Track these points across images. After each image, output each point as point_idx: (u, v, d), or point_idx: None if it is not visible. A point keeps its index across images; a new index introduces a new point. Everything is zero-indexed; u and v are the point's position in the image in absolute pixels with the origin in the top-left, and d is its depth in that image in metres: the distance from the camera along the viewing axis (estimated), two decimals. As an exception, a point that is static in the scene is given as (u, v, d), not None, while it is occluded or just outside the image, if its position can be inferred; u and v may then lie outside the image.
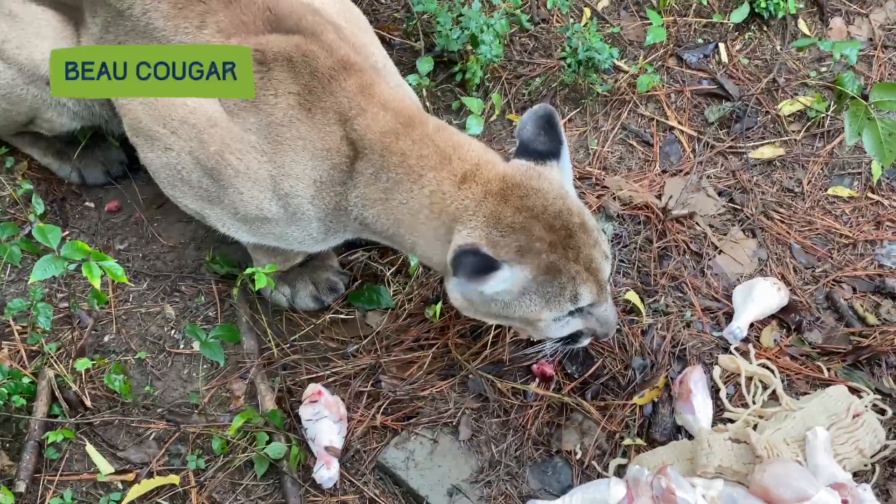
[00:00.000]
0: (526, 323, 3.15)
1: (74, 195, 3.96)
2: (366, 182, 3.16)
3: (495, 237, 2.99)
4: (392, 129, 3.14)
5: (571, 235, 3.03)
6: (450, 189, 3.08)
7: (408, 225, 3.16)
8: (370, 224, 3.24)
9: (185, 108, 3.23)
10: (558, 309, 3.07)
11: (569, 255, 3.02)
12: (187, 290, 3.75)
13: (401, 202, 3.14)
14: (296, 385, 3.51)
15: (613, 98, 4.27)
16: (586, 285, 3.05)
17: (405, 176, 3.12)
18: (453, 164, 3.11)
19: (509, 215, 3.00)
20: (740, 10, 4.51)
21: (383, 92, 3.21)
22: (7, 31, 3.54)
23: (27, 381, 3.34)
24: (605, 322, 3.17)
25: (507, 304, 3.08)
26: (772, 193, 4.06)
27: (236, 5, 3.27)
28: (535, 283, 3.02)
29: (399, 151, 3.12)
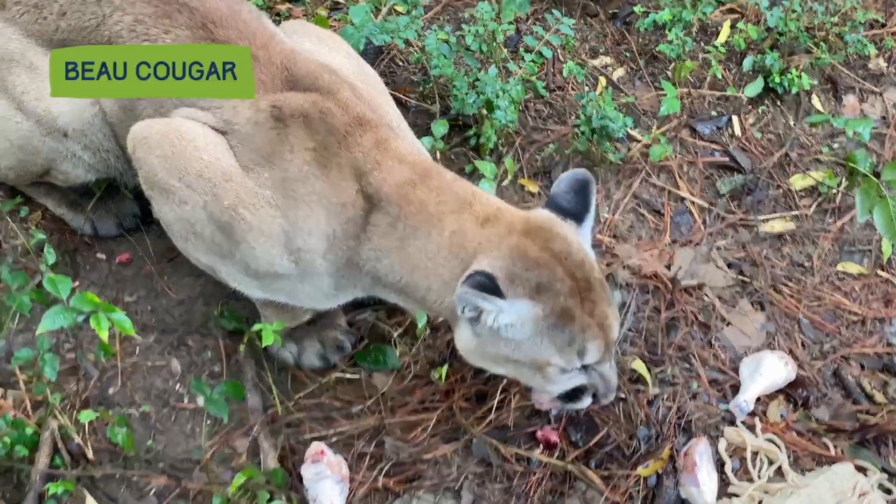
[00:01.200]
0: (535, 368, 3.13)
1: (86, 246, 3.98)
2: (380, 234, 3.18)
3: (517, 270, 2.99)
4: (409, 179, 3.16)
5: (591, 288, 3.04)
6: (471, 228, 3.09)
7: (423, 270, 3.15)
8: (383, 276, 3.24)
9: (200, 163, 3.25)
10: (566, 360, 3.07)
11: (585, 307, 3.02)
12: (194, 344, 3.75)
13: (418, 248, 3.14)
14: (299, 443, 3.50)
15: (626, 167, 4.29)
16: (595, 342, 3.05)
17: (424, 222, 3.13)
18: (475, 207, 3.13)
19: (535, 251, 3.01)
20: (754, 84, 4.54)
21: (399, 147, 3.24)
22: (27, 83, 3.58)
23: (30, 432, 3.33)
24: (607, 382, 3.17)
25: (518, 345, 3.07)
26: (781, 267, 4.06)
27: (255, 64, 3.31)
28: (546, 324, 3.01)
29: (417, 200, 3.14)
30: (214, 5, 3.39)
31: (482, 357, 3.19)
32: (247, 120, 3.25)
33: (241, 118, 3.25)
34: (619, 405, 3.58)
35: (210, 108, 3.29)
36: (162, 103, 3.38)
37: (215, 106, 3.29)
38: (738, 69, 4.62)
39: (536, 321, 3.02)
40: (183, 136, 3.27)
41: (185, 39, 3.32)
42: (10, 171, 3.79)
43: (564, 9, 4.72)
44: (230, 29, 3.35)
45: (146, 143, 3.33)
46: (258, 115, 3.24)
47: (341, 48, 3.73)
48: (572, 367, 3.09)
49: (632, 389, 3.62)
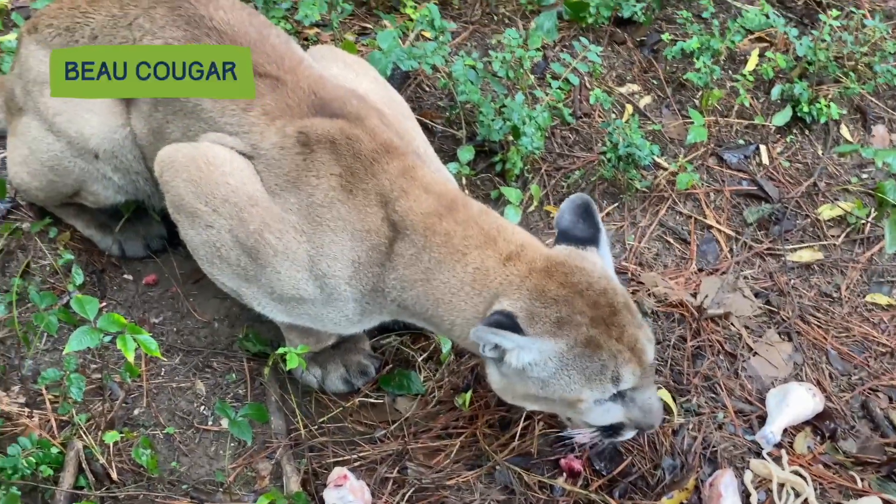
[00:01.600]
0: (566, 405, 3.11)
1: (114, 267, 4.00)
2: (405, 263, 3.18)
3: (536, 309, 2.99)
4: (435, 210, 3.17)
5: (615, 313, 3.02)
6: (494, 266, 3.09)
7: (447, 304, 3.16)
8: (409, 306, 3.24)
9: (227, 187, 3.27)
10: (600, 389, 3.02)
11: (612, 333, 3.00)
12: (219, 366, 3.76)
13: (442, 281, 3.15)
14: (322, 467, 3.49)
15: (652, 194, 4.28)
16: (629, 366, 3.02)
17: (448, 255, 3.13)
18: (498, 244, 3.13)
19: (553, 289, 3.01)
20: (783, 113, 4.53)
21: (425, 175, 3.25)
22: (59, 105, 3.61)
23: (55, 452, 3.34)
24: (648, 410, 3.10)
25: (546, 383, 3.05)
26: (809, 297, 4.03)
27: (283, 89, 3.33)
28: (572, 356, 2.99)
29: (443, 232, 3.14)
30: (243, 30, 3.42)
31: (514, 396, 3.18)
32: (273, 145, 3.26)
33: (268, 143, 3.27)
34: (644, 435, 3.56)
35: (237, 133, 3.31)
36: (190, 126, 3.40)
37: (243, 131, 3.30)
38: (767, 98, 4.61)
39: (561, 356, 3.01)
40: (210, 161, 3.29)
41: (213, 63, 3.35)
42: (41, 191, 3.82)
43: (592, 36, 4.73)
44: (258, 53, 3.37)
45: (173, 167, 3.35)
46: (285, 141, 3.25)
47: (368, 73, 3.75)
48: (607, 396, 3.06)
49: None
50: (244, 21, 3.46)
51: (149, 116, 3.51)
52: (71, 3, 3.64)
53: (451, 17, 4.77)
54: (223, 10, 3.46)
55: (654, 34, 4.79)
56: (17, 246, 3.97)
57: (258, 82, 3.33)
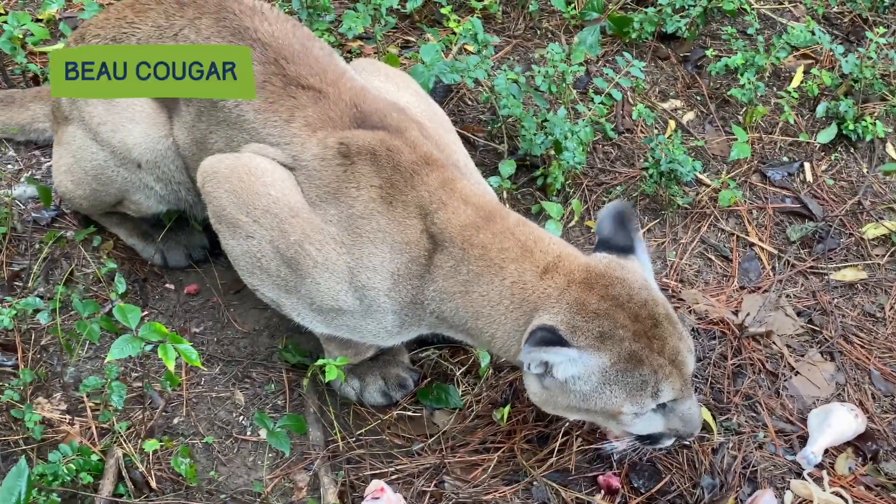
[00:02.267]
0: (607, 416, 3.12)
1: (156, 276, 4.03)
2: (444, 275, 3.19)
3: (577, 322, 2.99)
4: (472, 222, 3.17)
5: (657, 325, 3.02)
6: (531, 279, 3.10)
7: (487, 317, 3.16)
8: (448, 318, 3.25)
9: (268, 198, 3.29)
10: (640, 404, 3.03)
11: (653, 346, 3.00)
12: (258, 377, 3.77)
13: (481, 294, 3.15)
14: (359, 480, 3.49)
15: (694, 211, 4.26)
16: (669, 380, 3.02)
17: (486, 268, 3.14)
18: (535, 256, 3.13)
19: (594, 302, 3.01)
20: (827, 130, 4.50)
21: (464, 187, 3.25)
22: (103, 114, 3.65)
23: (95, 459, 3.37)
24: (688, 420, 3.12)
25: (587, 396, 3.05)
26: (852, 317, 3.99)
27: (325, 101, 3.35)
28: (614, 371, 3.00)
29: (480, 244, 3.15)
30: (287, 42, 3.44)
31: (554, 407, 3.19)
32: (314, 156, 3.28)
33: (309, 154, 3.28)
34: (683, 452, 3.54)
35: (279, 144, 3.33)
36: (232, 137, 3.43)
37: (284, 142, 3.32)
38: (811, 115, 4.58)
39: (603, 371, 3.01)
40: (251, 172, 3.31)
41: (257, 75, 3.37)
42: (85, 200, 3.86)
43: (635, 51, 4.71)
44: (301, 65, 3.39)
45: (215, 178, 3.37)
46: (326, 152, 3.27)
47: (409, 86, 3.76)
48: (646, 410, 3.06)
49: (696, 437, 3.57)
50: (288, 33, 3.48)
51: (192, 127, 3.54)
52: (118, 13, 3.68)
53: (494, 31, 4.78)
54: (268, 21, 3.48)
55: (697, 50, 4.77)
56: (61, 254, 4.01)
57: (300, 94, 3.35)
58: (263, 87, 3.36)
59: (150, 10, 3.59)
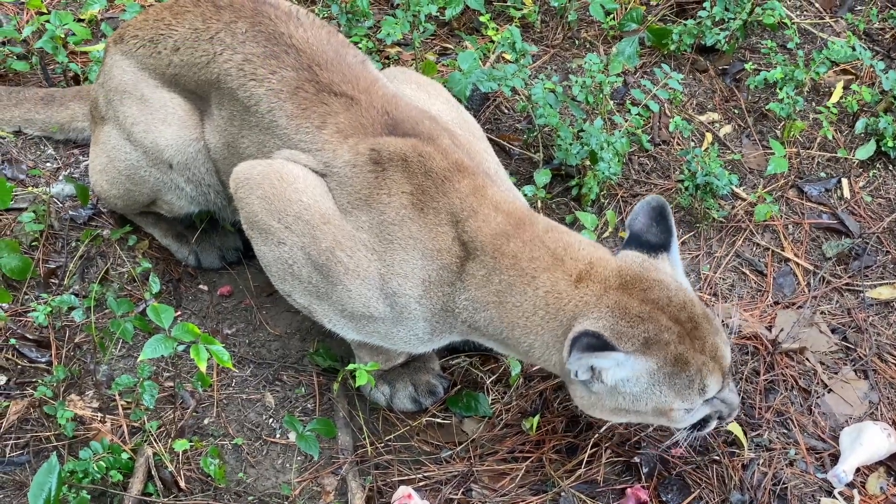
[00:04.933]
0: (659, 414, 3.15)
1: (190, 277, 4.05)
2: (477, 284, 3.19)
3: (622, 327, 3.01)
4: (503, 230, 3.17)
5: (697, 326, 3.06)
6: (566, 288, 3.10)
7: (522, 328, 3.17)
8: (481, 327, 3.24)
9: (300, 205, 3.30)
10: (689, 401, 3.08)
11: (696, 346, 3.04)
12: (288, 380, 3.79)
13: (514, 305, 3.15)
14: (386, 485, 3.50)
15: (729, 225, 4.23)
16: (713, 376, 3.07)
17: (518, 278, 3.14)
18: (566, 264, 3.14)
19: (635, 306, 3.03)
20: (866, 147, 4.46)
21: (495, 194, 3.25)
22: (137, 115, 3.68)
23: (126, 457, 3.39)
24: (729, 402, 3.20)
25: (637, 398, 3.08)
26: (888, 335, 3.95)
27: (357, 108, 3.35)
28: (662, 374, 3.03)
29: (511, 254, 3.15)
30: (321, 48, 3.45)
31: (601, 411, 3.20)
32: (345, 163, 3.29)
33: (340, 161, 3.29)
34: (713, 467, 3.52)
35: (311, 150, 3.34)
36: (264, 143, 3.44)
37: (316, 148, 3.33)
38: (850, 131, 4.54)
39: (651, 374, 3.04)
40: (283, 178, 3.33)
41: (290, 80, 3.39)
42: (119, 199, 3.89)
43: (673, 63, 4.70)
44: (334, 72, 3.40)
45: (248, 184, 3.39)
46: (357, 159, 3.27)
47: (441, 95, 3.77)
48: (696, 406, 3.11)
49: (726, 452, 3.55)
50: (323, 40, 3.49)
51: (223, 131, 3.56)
52: (157, 15, 3.71)
53: (532, 40, 4.77)
54: (303, 27, 3.50)
55: (736, 63, 4.74)
56: (97, 252, 4.04)
57: (333, 101, 3.36)
58: (296, 93, 3.38)
59: (188, 12, 3.61)
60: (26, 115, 4.32)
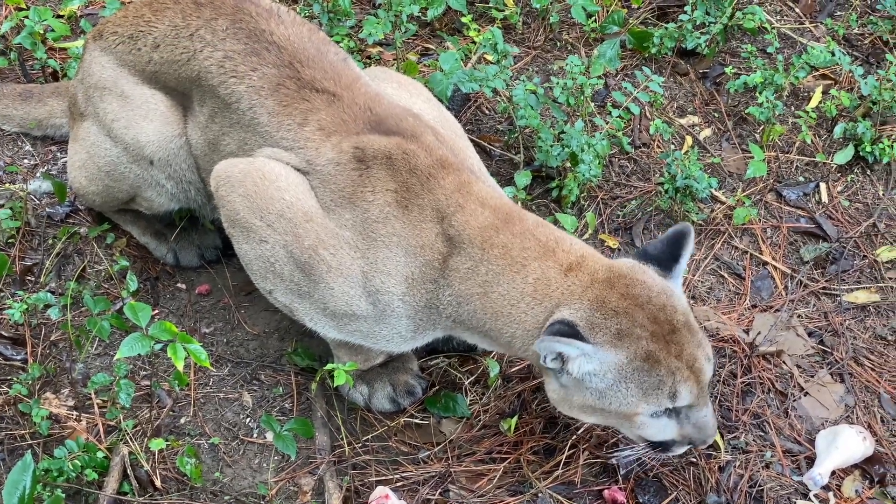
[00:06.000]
0: (622, 418, 3.13)
1: (168, 275, 4.03)
2: (461, 278, 3.18)
3: (596, 319, 3.02)
4: (491, 224, 3.18)
5: (675, 331, 3.04)
6: (555, 276, 3.11)
7: (507, 316, 3.16)
8: (464, 320, 3.24)
9: (282, 203, 3.29)
10: (656, 403, 3.05)
11: (671, 350, 3.02)
12: (266, 379, 3.77)
13: (501, 294, 3.15)
14: (364, 486, 3.49)
15: (708, 228, 4.25)
16: (687, 384, 3.04)
17: (507, 267, 3.14)
18: (558, 255, 3.15)
19: (614, 300, 3.04)
20: (845, 151, 4.48)
21: (481, 190, 3.26)
22: (118, 111, 3.66)
23: (101, 456, 3.37)
24: (702, 428, 3.14)
25: (603, 394, 3.06)
26: (864, 339, 3.97)
27: (339, 105, 3.35)
28: (630, 369, 3.01)
29: (500, 244, 3.15)
30: (302, 46, 3.45)
31: (571, 407, 3.19)
32: (329, 161, 3.28)
33: (324, 159, 3.28)
34: (690, 469, 3.52)
35: (293, 148, 3.33)
36: (246, 140, 3.43)
37: (298, 146, 3.32)
38: (829, 136, 4.56)
39: (620, 368, 3.02)
40: (265, 176, 3.32)
41: (271, 77, 3.38)
42: (98, 196, 3.87)
43: (654, 66, 4.71)
44: (316, 69, 3.40)
45: (229, 182, 3.38)
46: (341, 157, 3.27)
47: (422, 94, 3.77)
48: (662, 410, 3.07)
49: (703, 454, 3.56)
50: (304, 37, 3.49)
51: (205, 128, 3.54)
52: (136, 11, 3.69)
53: (513, 42, 4.78)
54: (284, 24, 3.49)
55: (717, 67, 4.76)
56: (74, 250, 4.02)
57: (315, 97, 3.35)
58: (277, 90, 3.37)
59: (168, 9, 3.60)
60: (4, 111, 4.29)
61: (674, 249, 3.19)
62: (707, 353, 3.10)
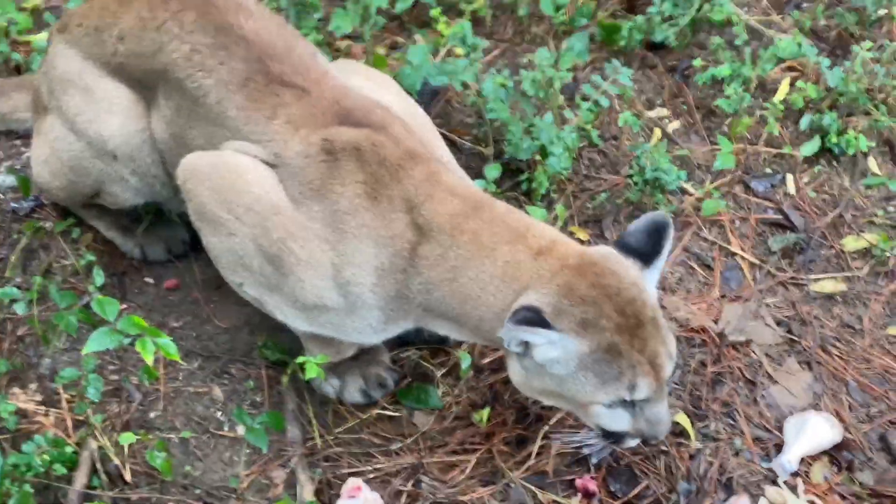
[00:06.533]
0: (577, 405, 3.13)
1: (135, 270, 4.00)
2: (430, 265, 3.17)
3: (563, 305, 2.99)
4: (461, 211, 3.17)
5: (640, 325, 3.02)
6: (525, 259, 3.09)
7: (475, 300, 3.14)
8: (434, 307, 3.23)
9: (250, 196, 3.27)
10: (614, 394, 3.03)
11: (634, 344, 3.00)
12: (237, 373, 3.76)
13: (470, 278, 3.13)
14: (336, 478, 3.48)
15: (677, 219, 4.26)
16: (646, 379, 3.02)
17: (477, 252, 3.13)
18: (528, 239, 3.13)
19: (583, 288, 3.01)
20: (811, 143, 4.51)
21: (450, 179, 3.26)
22: (80, 105, 3.63)
23: (70, 451, 3.34)
24: (655, 423, 3.12)
25: (562, 380, 3.05)
26: (831, 328, 4.01)
27: (308, 99, 3.34)
28: (591, 359, 2.99)
29: (470, 230, 3.14)
30: (270, 40, 3.43)
31: (531, 390, 3.19)
32: (297, 153, 3.26)
33: (292, 152, 3.27)
34: (661, 458, 3.54)
35: (261, 142, 3.32)
36: (213, 134, 3.41)
37: (266, 139, 3.31)
38: (795, 128, 4.59)
39: (581, 357, 3.00)
40: (233, 169, 3.30)
41: (239, 71, 3.36)
42: (62, 190, 3.84)
43: (623, 59, 4.71)
44: (285, 63, 3.38)
45: (196, 175, 3.36)
46: (309, 149, 3.25)
47: (391, 87, 3.76)
48: (619, 401, 3.06)
49: (674, 443, 3.57)
50: (272, 31, 3.47)
51: (171, 122, 3.52)
52: (102, 3, 3.66)
53: (483, 35, 4.76)
54: (253, 18, 3.47)
55: (685, 59, 4.78)
56: (39, 245, 3.98)
57: (283, 91, 3.34)
58: (246, 84, 3.35)
59: (134, 1, 3.57)
60: (-33, 106, 4.25)
61: (655, 241, 3.16)
62: (670, 351, 3.08)
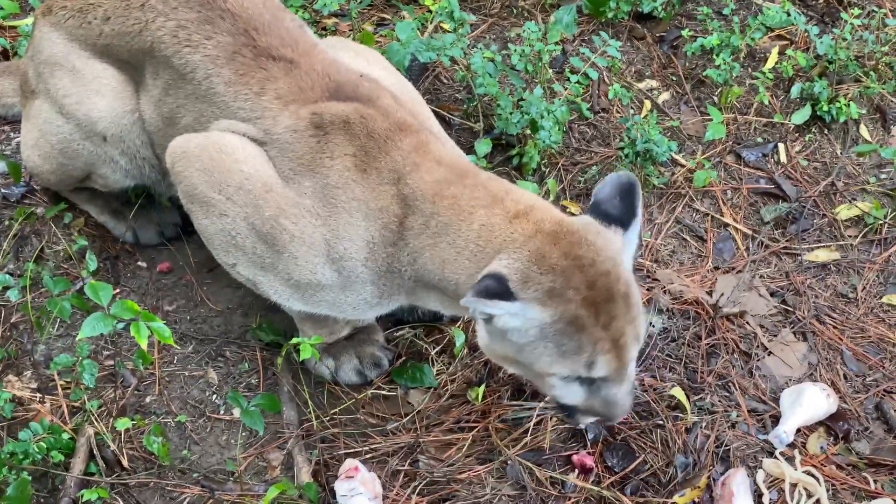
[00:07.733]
0: (535, 374, 3.09)
1: (128, 254, 3.99)
2: (415, 234, 3.15)
3: (532, 273, 2.92)
4: (444, 178, 3.15)
5: (610, 300, 2.94)
6: (500, 223, 3.04)
7: (452, 264, 3.10)
8: (420, 276, 3.21)
9: (240, 175, 3.26)
10: (570, 368, 2.98)
11: (599, 319, 2.93)
12: (231, 355, 3.75)
13: (448, 243, 3.10)
14: (333, 459, 3.48)
15: (669, 191, 4.26)
16: (606, 357, 2.95)
17: (455, 216, 3.09)
18: (506, 203, 3.08)
19: (555, 256, 2.94)
20: (802, 111, 4.51)
21: (438, 150, 3.24)
22: (69, 87, 3.61)
23: (66, 438, 3.34)
24: (611, 404, 3.06)
25: (521, 348, 3.00)
26: (825, 297, 4.01)
27: (297, 72, 3.32)
28: (553, 330, 2.93)
29: (450, 195, 3.11)
30: (257, 12, 3.40)
31: (494, 354, 3.17)
32: (286, 129, 3.25)
33: (281, 127, 3.26)
34: (657, 432, 3.54)
35: (250, 119, 3.30)
36: (202, 112, 3.39)
37: (255, 116, 3.29)
38: (786, 96, 4.59)
39: (542, 327, 2.94)
40: (222, 149, 3.29)
41: (226, 46, 3.34)
42: (52, 175, 3.82)
43: (611, 31, 4.70)
44: (272, 36, 3.36)
45: (185, 157, 3.34)
46: (298, 124, 3.24)
47: (379, 62, 3.75)
48: (574, 377, 3.01)
49: (670, 416, 3.58)
50: (258, 3, 3.44)
51: (159, 101, 3.50)
52: (85, -17, 3.63)
53: (470, 9, 4.75)
54: None
55: (673, 30, 4.76)
56: (31, 231, 3.96)
57: (272, 65, 3.31)
58: (233, 58, 3.33)
59: (118, -20, 3.54)
60: (-46, 92, 4.23)
61: (629, 204, 3.08)
62: (637, 332, 3.01)
